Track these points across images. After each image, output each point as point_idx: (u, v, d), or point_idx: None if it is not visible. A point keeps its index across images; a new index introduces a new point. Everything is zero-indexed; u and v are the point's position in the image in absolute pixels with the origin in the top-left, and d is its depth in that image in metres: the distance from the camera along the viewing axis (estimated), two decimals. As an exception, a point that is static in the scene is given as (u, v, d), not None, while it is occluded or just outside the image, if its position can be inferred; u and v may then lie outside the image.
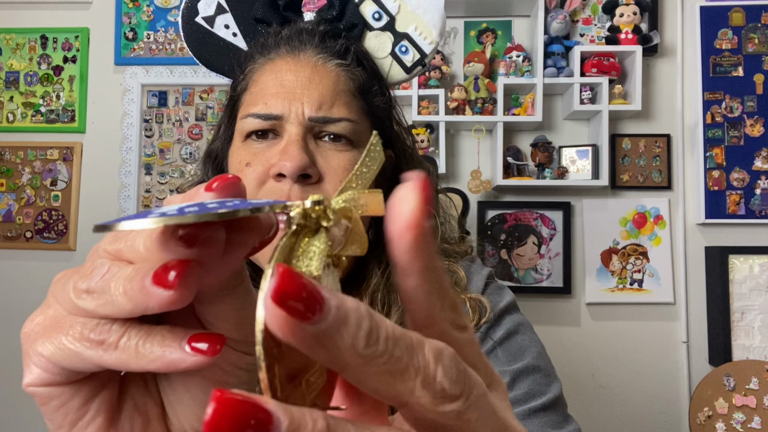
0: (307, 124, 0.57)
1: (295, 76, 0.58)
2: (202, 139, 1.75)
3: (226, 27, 0.66)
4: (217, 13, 0.65)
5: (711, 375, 1.51)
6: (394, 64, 0.66)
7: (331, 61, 0.59)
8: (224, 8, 0.65)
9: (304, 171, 0.54)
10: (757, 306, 1.58)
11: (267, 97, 0.58)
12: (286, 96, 0.57)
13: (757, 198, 1.62)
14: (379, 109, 0.63)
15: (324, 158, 0.57)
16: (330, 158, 0.57)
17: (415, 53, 0.65)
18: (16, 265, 1.78)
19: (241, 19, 0.65)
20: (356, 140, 0.58)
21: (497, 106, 1.62)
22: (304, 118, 0.56)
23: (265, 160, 0.57)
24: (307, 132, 0.57)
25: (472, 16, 1.71)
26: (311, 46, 0.60)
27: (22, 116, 1.80)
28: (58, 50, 1.80)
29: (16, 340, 1.77)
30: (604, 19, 1.70)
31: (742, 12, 1.66)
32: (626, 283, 1.65)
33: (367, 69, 0.63)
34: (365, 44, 0.66)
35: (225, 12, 0.65)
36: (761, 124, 1.63)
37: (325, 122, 0.57)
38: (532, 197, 1.69)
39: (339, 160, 0.57)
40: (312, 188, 0.56)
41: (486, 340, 0.60)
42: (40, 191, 1.78)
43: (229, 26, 0.66)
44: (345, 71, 0.60)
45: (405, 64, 0.66)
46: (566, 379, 1.56)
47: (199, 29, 0.66)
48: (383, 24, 0.65)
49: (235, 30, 0.66)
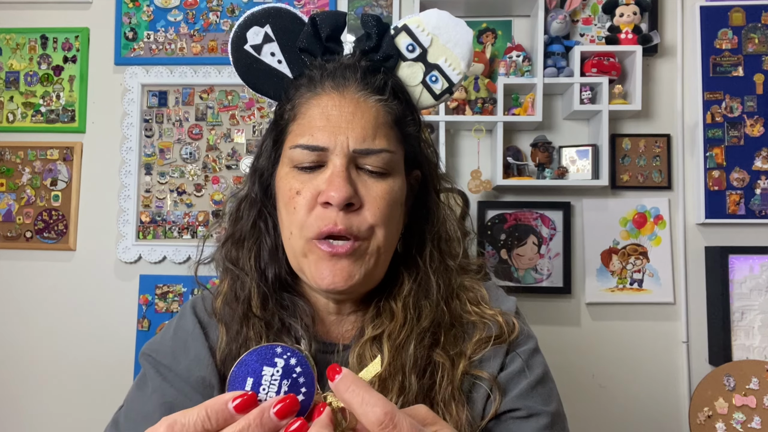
0: (351, 155, 0.63)
1: (340, 111, 0.64)
2: (202, 139, 1.75)
3: (272, 54, 0.72)
4: (264, 41, 0.71)
5: (711, 375, 1.51)
6: (424, 91, 0.72)
7: (372, 97, 0.66)
8: (271, 37, 0.71)
9: (349, 201, 0.61)
10: (757, 306, 1.58)
11: (314, 130, 0.64)
12: (332, 130, 0.63)
13: (757, 198, 1.62)
14: (412, 136, 0.70)
15: (365, 187, 0.64)
16: (370, 187, 0.64)
17: (444, 82, 0.72)
18: (16, 265, 1.78)
19: (286, 47, 0.71)
20: (392, 169, 0.65)
21: (497, 106, 1.62)
22: (348, 150, 0.63)
23: (313, 188, 0.63)
24: (350, 162, 0.63)
25: (472, 16, 1.71)
26: (354, 82, 0.66)
27: (22, 116, 1.80)
28: (58, 50, 1.80)
29: (16, 340, 1.77)
30: (604, 19, 1.70)
31: (742, 12, 1.66)
32: (626, 283, 1.65)
33: (402, 101, 0.69)
34: (399, 73, 0.71)
35: (272, 41, 0.71)
36: (761, 124, 1.63)
37: (367, 154, 0.63)
38: (532, 197, 1.69)
39: (378, 189, 0.64)
40: (354, 215, 0.62)
41: (522, 373, 0.66)
42: (40, 191, 1.78)
43: (275, 54, 0.72)
44: (383, 106, 0.66)
45: (434, 92, 0.72)
46: (566, 379, 1.57)
47: (247, 56, 0.72)
48: (416, 55, 0.71)
49: (280, 57, 0.72)
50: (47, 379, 1.74)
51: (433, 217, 0.72)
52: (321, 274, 0.63)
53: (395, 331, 0.65)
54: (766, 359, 1.55)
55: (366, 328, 0.67)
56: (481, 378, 0.65)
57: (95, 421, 1.70)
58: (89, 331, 1.74)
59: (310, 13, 0.81)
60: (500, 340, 0.67)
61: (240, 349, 0.67)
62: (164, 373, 0.68)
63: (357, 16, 1.73)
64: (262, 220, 0.71)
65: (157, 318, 1.71)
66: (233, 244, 0.73)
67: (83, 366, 1.73)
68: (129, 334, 1.71)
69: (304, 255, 0.65)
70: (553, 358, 0.71)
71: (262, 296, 0.69)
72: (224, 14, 1.77)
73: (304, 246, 0.64)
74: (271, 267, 0.70)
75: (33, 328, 1.75)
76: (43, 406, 1.74)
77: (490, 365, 0.66)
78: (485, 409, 0.64)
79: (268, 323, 0.68)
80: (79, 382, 1.73)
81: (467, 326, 0.69)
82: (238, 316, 0.68)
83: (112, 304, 1.74)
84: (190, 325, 0.71)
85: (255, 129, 1.75)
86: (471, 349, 0.66)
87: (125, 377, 1.69)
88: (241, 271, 0.70)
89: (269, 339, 0.68)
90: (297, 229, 0.64)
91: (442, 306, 0.68)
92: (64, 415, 1.73)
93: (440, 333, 0.67)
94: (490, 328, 0.67)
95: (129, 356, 1.70)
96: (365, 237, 0.63)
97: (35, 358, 1.74)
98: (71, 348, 1.74)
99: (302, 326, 0.68)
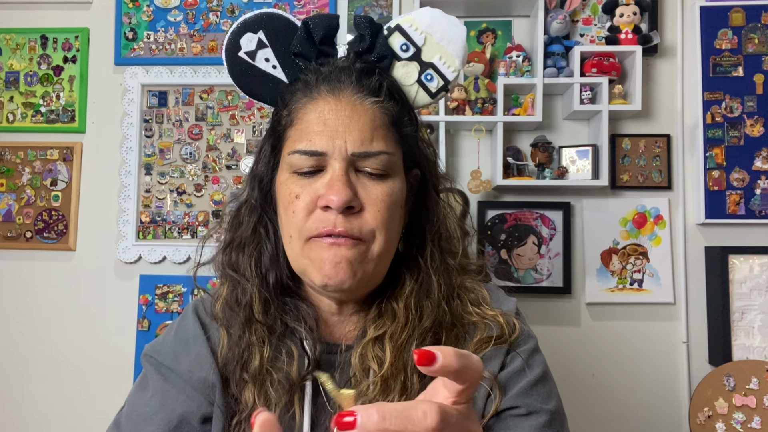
0: (350, 159, 0.63)
1: (336, 115, 0.64)
2: (201, 139, 1.75)
3: (266, 60, 0.72)
4: (258, 47, 0.71)
5: (711, 375, 1.51)
6: (420, 90, 0.72)
7: (368, 99, 0.66)
8: (264, 43, 0.71)
9: (349, 204, 0.62)
10: (757, 306, 1.58)
11: (311, 135, 0.64)
12: (329, 134, 0.63)
13: (757, 198, 1.62)
14: (409, 136, 0.70)
15: (365, 190, 0.64)
16: (369, 189, 0.64)
17: (440, 80, 0.72)
18: (16, 265, 1.78)
19: (281, 53, 0.72)
20: (391, 170, 0.66)
21: (497, 106, 1.62)
22: (347, 153, 0.63)
23: (312, 192, 0.63)
24: (349, 165, 0.63)
25: (472, 16, 1.71)
26: (349, 85, 0.66)
27: (22, 116, 1.80)
28: (58, 50, 1.80)
29: (16, 340, 1.77)
30: (604, 19, 1.70)
31: (742, 12, 1.66)
32: (626, 283, 1.65)
33: (398, 101, 0.69)
34: (393, 73, 0.72)
35: (265, 47, 0.71)
36: (761, 124, 1.63)
37: (366, 156, 0.63)
38: (532, 197, 1.69)
39: (378, 191, 0.64)
40: (355, 217, 0.63)
41: (522, 371, 0.67)
42: (40, 191, 1.78)
43: (269, 59, 0.72)
44: (380, 107, 0.66)
45: (430, 90, 0.72)
46: (566, 379, 1.57)
47: (241, 62, 0.72)
48: (410, 54, 0.72)
49: (274, 63, 0.72)
50: (47, 379, 1.74)
51: (433, 216, 0.73)
52: (322, 265, 0.63)
53: (397, 331, 0.66)
54: (766, 359, 1.55)
55: (368, 328, 0.68)
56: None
57: (95, 421, 1.70)
58: (89, 331, 1.74)
59: (310, 14, 0.81)
60: (501, 340, 0.67)
61: (243, 354, 0.67)
62: (166, 374, 0.68)
63: (358, 15, 1.73)
64: (262, 226, 0.72)
65: (157, 318, 1.71)
66: (233, 250, 0.73)
67: (83, 366, 1.73)
68: (129, 334, 1.71)
69: (304, 255, 0.65)
70: (553, 358, 0.71)
71: (264, 301, 0.69)
72: (224, 14, 1.77)
73: (304, 246, 0.64)
74: (272, 272, 0.70)
75: (33, 328, 1.75)
76: (43, 406, 1.73)
77: (491, 364, 0.66)
78: (485, 408, 0.65)
79: (270, 328, 0.68)
80: (78, 382, 1.73)
81: (468, 327, 0.69)
82: (239, 322, 0.69)
83: (112, 304, 1.74)
84: (191, 326, 0.72)
85: (255, 129, 1.75)
86: (472, 349, 0.67)
87: (125, 377, 1.69)
88: (242, 277, 0.71)
89: (272, 343, 0.68)
90: (296, 231, 0.64)
91: (443, 305, 0.68)
92: (64, 415, 1.73)
93: (441, 332, 0.67)
94: (491, 329, 0.68)
95: (129, 356, 1.70)
96: (366, 239, 0.64)
97: (35, 358, 1.74)
98: (71, 348, 1.74)
99: (306, 329, 0.68)
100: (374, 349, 0.66)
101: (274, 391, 0.65)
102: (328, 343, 0.71)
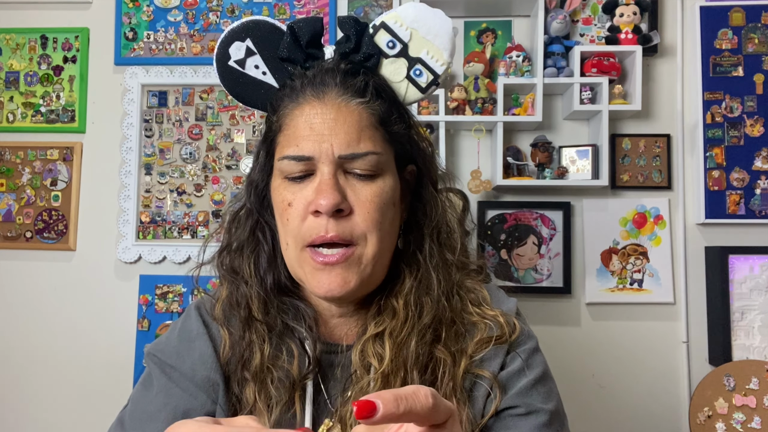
0: (337, 162, 0.63)
1: (322, 118, 0.64)
2: (201, 139, 1.75)
3: (256, 67, 0.72)
4: (246, 55, 0.72)
5: (711, 375, 1.51)
6: (410, 86, 0.72)
7: (353, 100, 0.65)
8: (253, 51, 0.72)
9: (338, 207, 0.62)
10: (757, 306, 1.59)
11: (299, 140, 0.64)
12: (316, 138, 0.63)
13: (757, 198, 1.62)
14: (399, 134, 0.69)
15: (354, 191, 0.64)
16: (359, 191, 0.64)
17: (429, 75, 0.72)
18: (16, 265, 1.78)
19: (269, 59, 0.72)
20: (381, 170, 0.65)
21: (497, 106, 1.62)
22: (334, 156, 0.63)
23: (303, 198, 0.64)
24: (337, 168, 0.63)
25: (472, 16, 1.71)
26: (334, 87, 0.66)
27: (22, 116, 1.80)
28: (58, 50, 1.80)
29: (16, 340, 1.77)
30: (604, 19, 1.70)
31: (742, 12, 1.66)
32: (626, 283, 1.65)
33: (386, 100, 0.68)
34: (382, 71, 0.72)
35: (254, 54, 0.72)
36: (761, 124, 1.63)
37: (353, 158, 0.63)
38: (532, 197, 1.69)
39: (367, 192, 0.64)
40: (345, 220, 0.63)
41: (522, 371, 0.67)
42: (40, 191, 1.78)
43: (258, 66, 0.72)
44: (366, 107, 0.66)
45: (420, 85, 0.72)
46: (566, 379, 1.57)
47: (232, 71, 0.73)
48: (397, 51, 0.72)
49: (264, 69, 0.72)
50: (47, 379, 1.74)
51: (431, 211, 0.73)
52: (318, 283, 0.64)
53: (397, 328, 0.66)
54: (766, 359, 1.55)
55: (368, 326, 0.68)
56: (482, 377, 0.66)
57: (95, 421, 1.70)
58: (89, 331, 1.74)
59: (310, 14, 0.82)
60: (501, 340, 0.68)
61: (244, 352, 0.67)
62: (169, 372, 0.69)
63: (358, 16, 1.73)
64: (260, 230, 0.73)
65: (157, 318, 1.71)
66: (231, 253, 0.74)
67: (83, 366, 1.73)
68: (129, 334, 1.71)
69: (300, 266, 0.66)
70: (553, 358, 0.72)
71: (263, 302, 0.70)
72: (224, 14, 1.77)
73: (299, 256, 0.65)
74: (270, 273, 0.71)
75: (33, 328, 1.75)
76: (43, 406, 1.73)
77: (491, 364, 0.67)
78: (485, 407, 0.65)
79: (270, 326, 0.69)
80: (78, 382, 1.73)
81: (469, 326, 0.69)
82: (239, 321, 0.69)
83: (112, 304, 1.74)
84: (194, 325, 0.72)
85: (255, 129, 1.75)
86: (472, 348, 0.67)
87: (125, 377, 1.69)
88: (241, 279, 0.71)
89: (272, 342, 0.68)
90: (292, 239, 0.65)
91: (443, 302, 0.69)
92: (64, 415, 1.73)
93: (441, 329, 0.68)
94: (491, 329, 0.68)
95: (129, 356, 1.70)
96: (358, 242, 0.64)
97: (35, 358, 1.74)
98: (71, 348, 1.74)
99: (305, 328, 0.69)
100: (374, 345, 0.66)
101: (274, 390, 0.65)
102: (329, 342, 0.71)
